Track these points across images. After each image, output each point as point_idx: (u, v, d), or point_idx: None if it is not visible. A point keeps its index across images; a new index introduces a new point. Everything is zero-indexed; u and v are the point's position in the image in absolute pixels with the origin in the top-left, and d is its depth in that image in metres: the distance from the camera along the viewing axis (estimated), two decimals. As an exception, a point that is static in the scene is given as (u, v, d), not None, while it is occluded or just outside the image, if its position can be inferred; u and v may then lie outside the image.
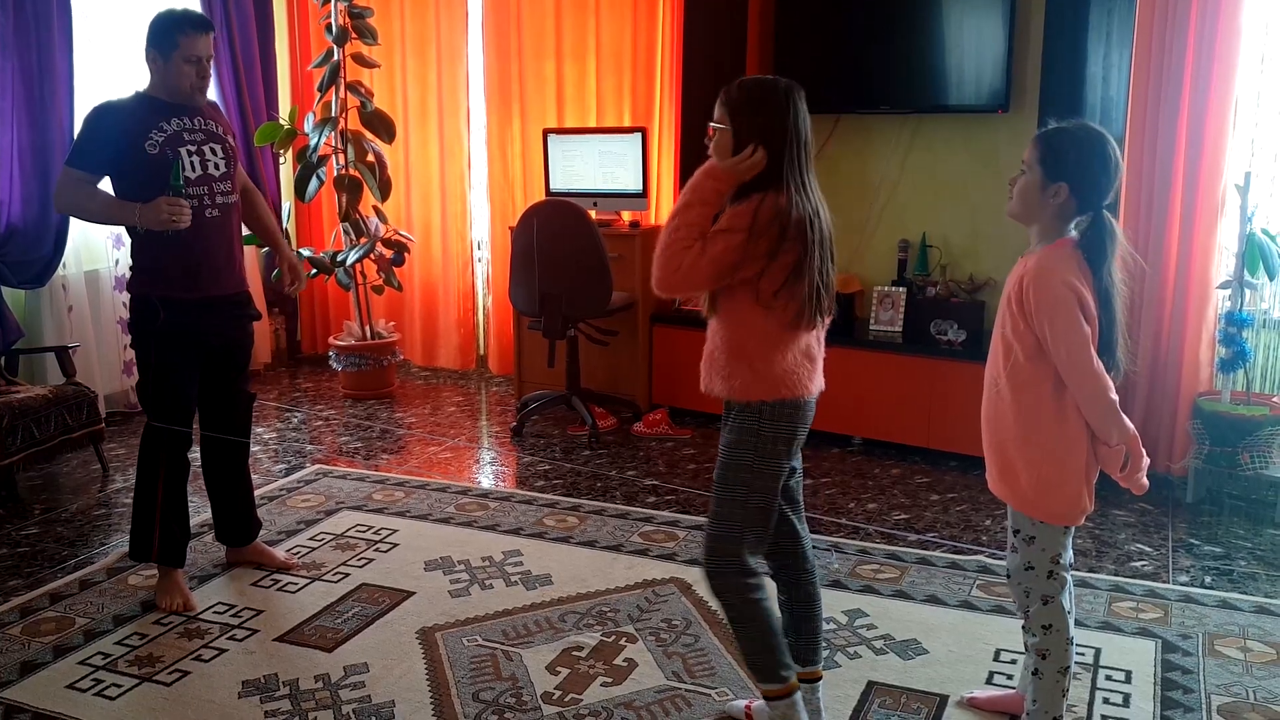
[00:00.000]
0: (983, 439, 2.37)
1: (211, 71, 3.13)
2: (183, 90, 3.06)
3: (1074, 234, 2.23)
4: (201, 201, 3.07)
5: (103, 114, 3.05)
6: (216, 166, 3.12)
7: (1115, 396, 2.17)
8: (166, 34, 3.01)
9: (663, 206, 5.55)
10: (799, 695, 2.38)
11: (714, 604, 2.39)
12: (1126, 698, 2.68)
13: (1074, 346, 2.14)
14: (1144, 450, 2.23)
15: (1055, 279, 2.16)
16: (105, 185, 3.11)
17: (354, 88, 5.53)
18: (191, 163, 3.06)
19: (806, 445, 2.43)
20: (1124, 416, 2.20)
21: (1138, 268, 4.00)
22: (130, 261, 3.19)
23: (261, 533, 3.55)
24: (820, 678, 2.52)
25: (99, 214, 3.16)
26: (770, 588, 2.43)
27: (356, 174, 5.55)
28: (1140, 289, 4.14)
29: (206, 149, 3.10)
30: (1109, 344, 2.20)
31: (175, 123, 3.06)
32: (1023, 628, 2.40)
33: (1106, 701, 2.66)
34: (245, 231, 3.41)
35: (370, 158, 5.57)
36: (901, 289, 4.85)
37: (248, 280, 3.37)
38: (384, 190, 5.63)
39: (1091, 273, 2.18)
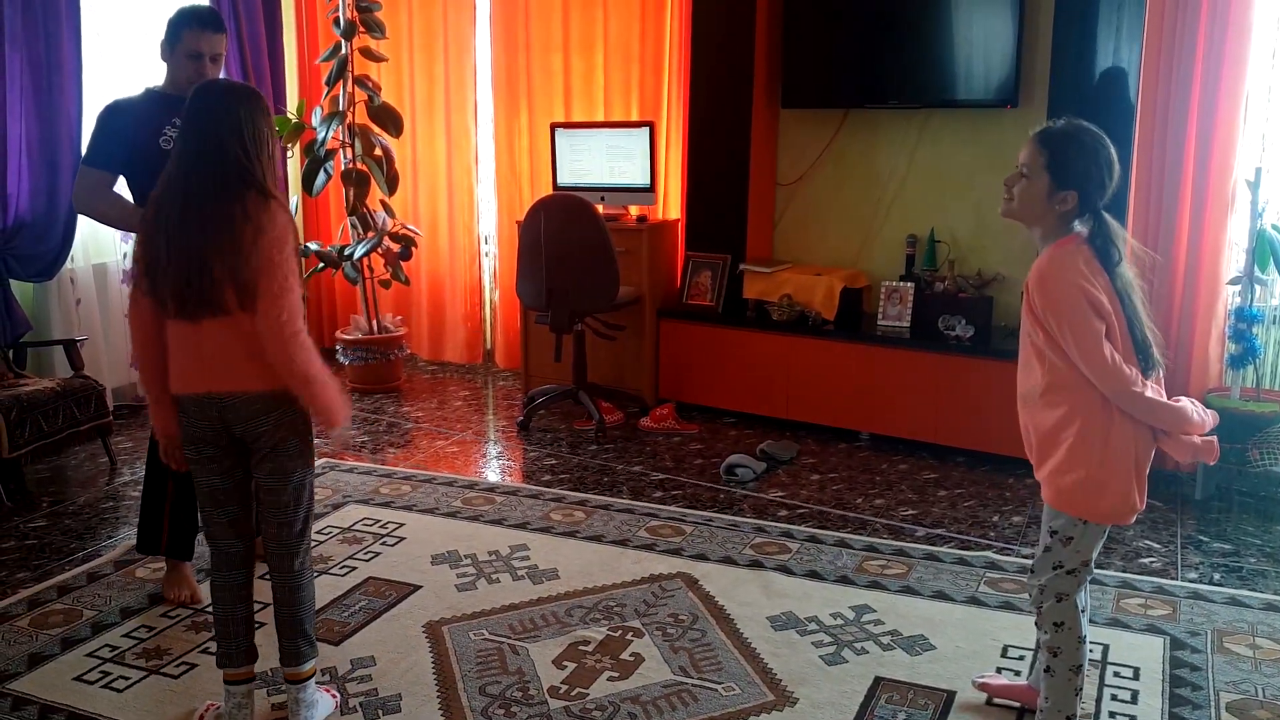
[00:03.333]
0: (1025, 442, 2.33)
1: (218, 71, 3.13)
2: (181, 84, 3.06)
3: (1080, 229, 2.21)
4: None
5: (114, 112, 3.06)
6: None
7: (1140, 389, 2.14)
8: (174, 28, 3.04)
9: (670, 201, 5.55)
10: (233, 688, 2.49)
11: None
12: (1135, 694, 2.67)
13: (1084, 344, 2.13)
14: (1193, 411, 2.19)
15: (1061, 279, 2.15)
16: (120, 184, 3.12)
17: (361, 81, 5.53)
18: None
19: (814, 439, 2.41)
20: (1164, 400, 2.17)
21: (1150, 260, 3.99)
22: None
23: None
24: (299, 679, 2.50)
25: (116, 220, 3.17)
26: (235, 577, 2.50)
27: (364, 168, 5.55)
28: (1150, 284, 4.12)
29: None
30: (1141, 343, 2.18)
31: None
32: (1035, 624, 2.39)
33: (1115, 698, 2.66)
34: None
35: (378, 152, 5.57)
36: (909, 284, 4.84)
37: None
38: (391, 184, 5.63)
39: (1106, 271, 2.17)
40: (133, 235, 4.98)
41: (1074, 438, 2.22)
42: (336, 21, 5.47)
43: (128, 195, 3.15)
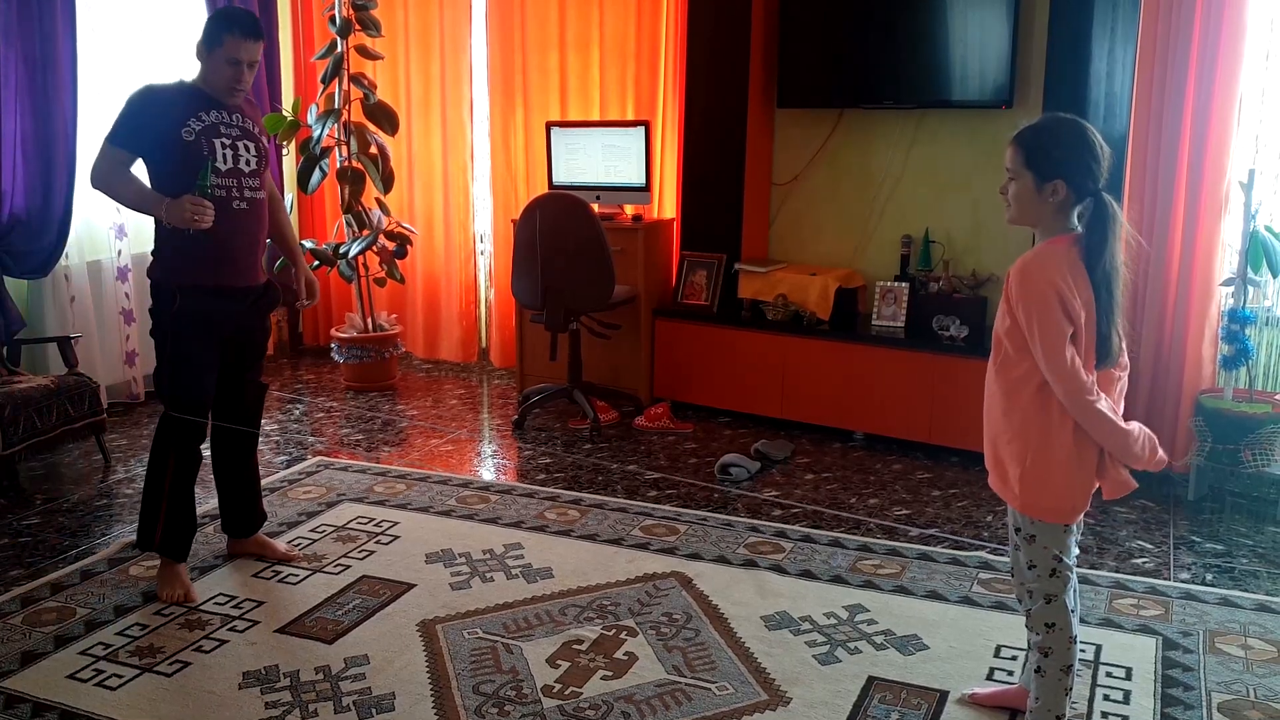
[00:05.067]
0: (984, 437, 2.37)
1: (253, 76, 3.15)
2: (218, 88, 3.11)
3: (1078, 227, 2.22)
4: (230, 193, 3.11)
5: (145, 96, 3.09)
6: (248, 163, 3.16)
7: (1093, 398, 2.15)
8: (215, 31, 3.06)
9: (666, 200, 5.55)
10: None
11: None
12: (1127, 695, 2.68)
13: (1048, 343, 2.15)
14: (1138, 440, 2.19)
15: (1038, 276, 2.17)
16: (139, 168, 3.14)
17: (357, 79, 5.52)
18: (224, 154, 3.10)
19: (808, 439, 2.43)
20: (1112, 417, 2.17)
21: (1140, 250, 4.00)
22: (153, 247, 3.20)
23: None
24: None
25: (129, 199, 3.18)
26: None
27: (359, 166, 5.54)
28: (1143, 285, 4.14)
29: (240, 145, 3.15)
30: (1104, 334, 2.19)
31: (214, 114, 3.10)
32: (1026, 625, 2.40)
33: (1107, 698, 2.67)
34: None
35: (373, 150, 5.56)
36: (904, 284, 4.84)
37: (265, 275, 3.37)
38: (386, 182, 5.63)
39: (1089, 262, 2.17)
40: (127, 233, 5.03)
41: (1014, 431, 2.26)
42: (332, 19, 5.46)
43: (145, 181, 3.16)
